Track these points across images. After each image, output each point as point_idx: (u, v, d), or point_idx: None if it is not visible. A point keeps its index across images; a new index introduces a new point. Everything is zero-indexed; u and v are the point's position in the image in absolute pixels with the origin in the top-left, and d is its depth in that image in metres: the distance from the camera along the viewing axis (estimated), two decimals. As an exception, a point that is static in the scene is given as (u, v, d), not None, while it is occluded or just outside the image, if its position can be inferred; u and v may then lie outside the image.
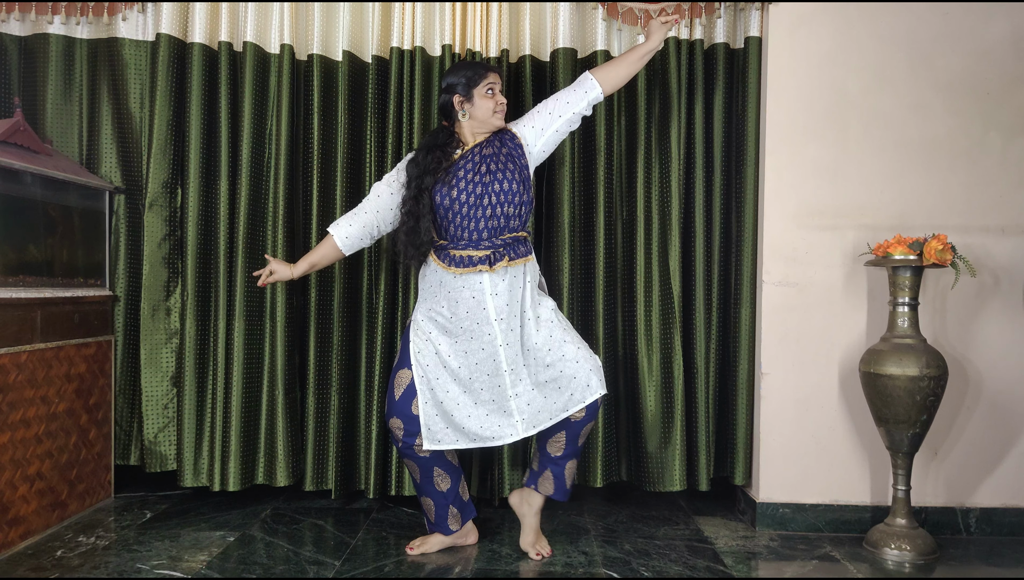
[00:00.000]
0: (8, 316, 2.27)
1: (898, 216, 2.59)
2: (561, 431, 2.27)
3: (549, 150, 2.33)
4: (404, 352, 2.29)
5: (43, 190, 2.50)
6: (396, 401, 2.26)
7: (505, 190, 2.20)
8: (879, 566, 2.31)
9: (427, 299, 2.29)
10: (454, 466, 2.34)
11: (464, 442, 2.24)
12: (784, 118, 2.62)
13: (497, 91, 2.25)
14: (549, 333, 2.24)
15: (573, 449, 2.29)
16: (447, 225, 2.22)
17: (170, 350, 2.84)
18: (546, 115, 2.29)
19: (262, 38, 2.77)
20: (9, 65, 2.80)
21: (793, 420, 2.62)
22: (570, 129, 2.32)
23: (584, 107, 2.29)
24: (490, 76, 2.24)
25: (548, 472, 2.31)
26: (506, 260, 2.19)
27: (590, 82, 2.28)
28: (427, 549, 2.35)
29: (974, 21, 2.57)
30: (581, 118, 2.32)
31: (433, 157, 2.22)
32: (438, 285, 2.25)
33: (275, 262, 2.33)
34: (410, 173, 2.24)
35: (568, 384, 2.21)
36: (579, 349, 2.24)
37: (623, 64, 2.30)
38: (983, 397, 2.60)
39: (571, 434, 2.27)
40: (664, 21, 2.31)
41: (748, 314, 2.72)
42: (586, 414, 2.24)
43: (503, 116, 2.27)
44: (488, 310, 2.20)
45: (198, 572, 2.17)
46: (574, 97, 2.28)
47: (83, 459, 2.64)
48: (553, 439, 2.29)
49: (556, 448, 2.29)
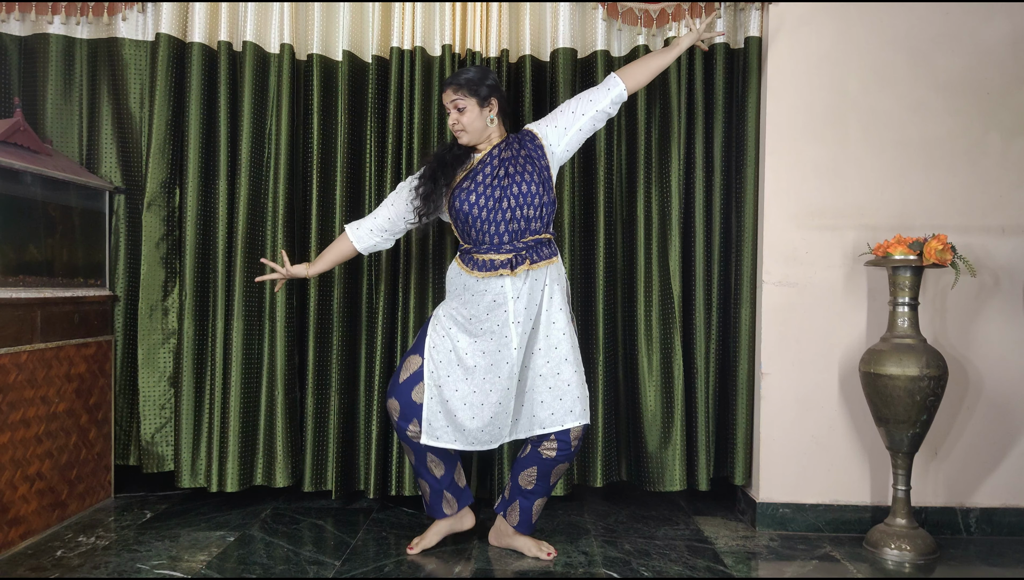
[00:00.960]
0: (8, 316, 2.27)
1: (898, 216, 2.59)
2: (534, 466, 2.25)
3: (573, 149, 2.33)
4: (420, 341, 2.30)
5: (43, 190, 2.50)
6: (399, 384, 2.27)
7: (524, 193, 2.19)
8: (879, 566, 2.31)
9: (452, 299, 2.31)
10: (449, 454, 2.34)
11: (461, 443, 2.24)
12: (784, 118, 2.62)
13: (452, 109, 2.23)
14: (555, 345, 2.22)
15: (544, 486, 2.27)
16: (468, 230, 2.22)
17: (168, 350, 2.83)
18: (569, 114, 2.29)
19: (262, 38, 2.77)
20: (9, 65, 2.80)
21: (793, 420, 2.62)
22: (594, 128, 2.32)
23: (607, 104, 2.29)
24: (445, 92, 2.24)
25: (516, 504, 2.32)
26: (527, 263, 2.18)
27: (613, 79, 2.30)
28: (426, 544, 2.36)
29: (974, 21, 2.57)
30: (606, 117, 2.32)
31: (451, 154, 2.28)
32: (462, 288, 2.26)
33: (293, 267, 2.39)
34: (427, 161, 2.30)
35: (552, 403, 2.20)
36: (575, 373, 2.22)
37: (648, 68, 2.34)
38: (983, 397, 2.60)
39: (542, 470, 2.25)
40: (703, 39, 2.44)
41: (748, 314, 2.72)
42: (558, 453, 2.21)
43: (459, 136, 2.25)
44: (509, 313, 2.20)
45: (198, 572, 2.17)
46: (597, 95, 2.29)
47: (83, 459, 2.64)
48: (526, 472, 2.27)
49: (527, 481, 2.28)
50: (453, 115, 2.22)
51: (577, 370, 2.22)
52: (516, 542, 2.35)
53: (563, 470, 2.27)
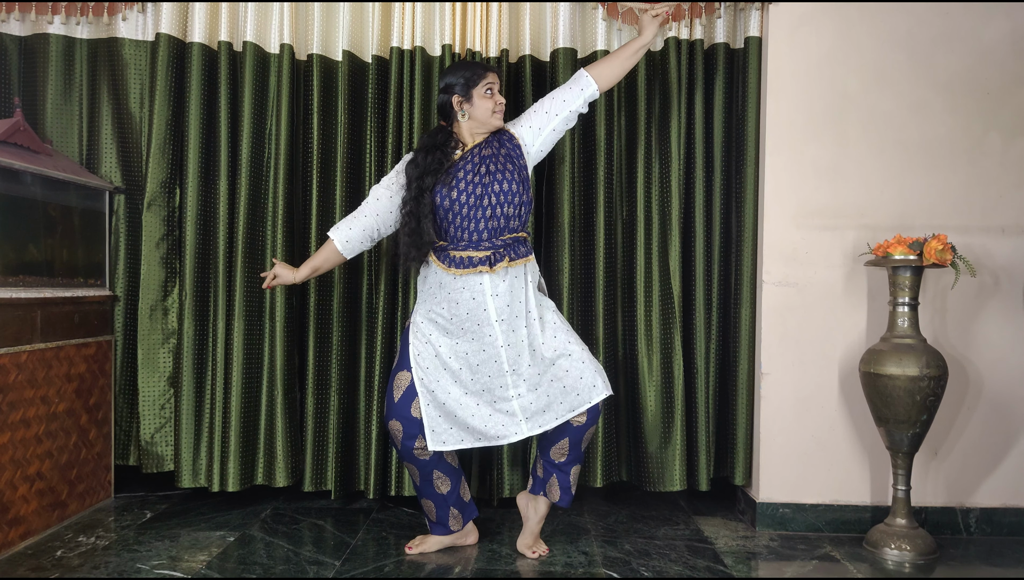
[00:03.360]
0: (8, 316, 2.27)
1: (898, 216, 2.59)
2: (564, 438, 2.26)
3: (547, 149, 2.33)
4: (403, 354, 2.29)
5: (43, 190, 2.50)
6: (395, 403, 2.25)
7: (505, 191, 2.20)
8: (879, 566, 2.31)
9: (427, 300, 2.29)
10: (454, 468, 2.34)
11: (470, 441, 2.24)
12: (784, 118, 2.62)
13: (496, 91, 2.25)
14: (554, 334, 2.25)
15: (577, 454, 2.29)
16: (447, 226, 2.22)
17: (168, 350, 2.83)
18: (543, 114, 2.29)
19: (262, 38, 2.77)
20: (9, 65, 2.80)
21: (793, 420, 2.62)
22: (567, 127, 2.33)
23: (580, 104, 2.29)
24: (488, 76, 2.23)
25: (554, 479, 2.31)
26: (506, 261, 2.18)
27: (585, 79, 2.28)
28: (426, 548, 2.35)
29: (974, 21, 2.57)
30: (578, 116, 2.32)
31: (433, 158, 2.21)
32: (438, 286, 2.24)
33: (280, 265, 2.31)
34: (410, 174, 2.24)
35: (575, 384, 2.22)
36: (583, 350, 2.25)
37: (617, 60, 2.31)
38: (983, 397, 2.60)
39: (574, 439, 2.26)
40: (655, 15, 2.34)
41: (748, 314, 2.72)
42: (587, 418, 2.24)
43: (502, 116, 2.27)
44: (489, 311, 2.20)
45: (198, 572, 2.17)
46: (570, 95, 2.29)
47: (83, 459, 2.64)
48: (557, 446, 2.28)
49: (560, 454, 2.28)
50: (498, 97, 2.25)
51: (583, 346, 2.27)
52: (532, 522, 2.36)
53: (592, 434, 2.30)
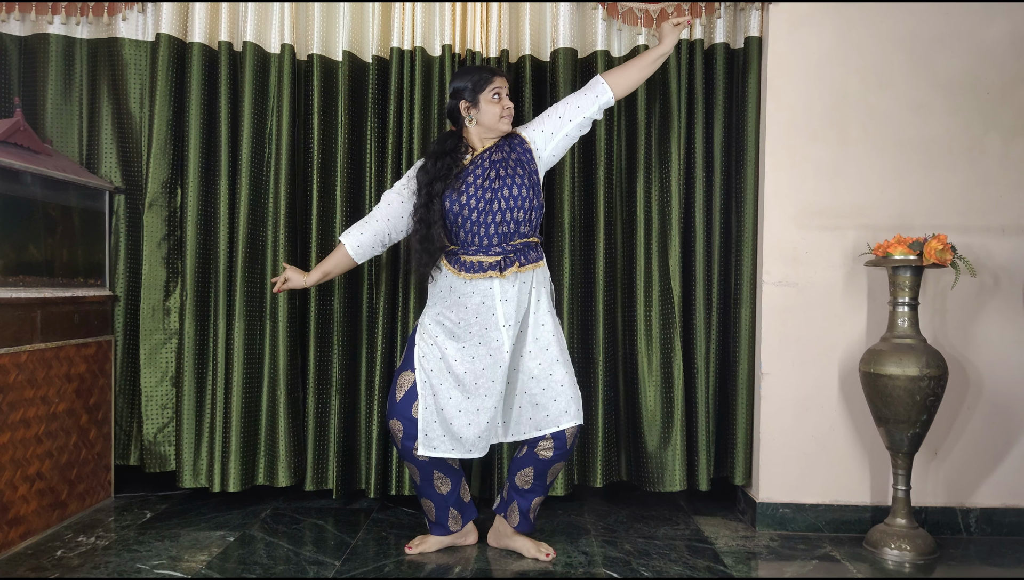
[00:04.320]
0: (8, 316, 2.27)
1: (898, 216, 2.59)
2: (530, 466, 2.26)
3: (560, 154, 2.32)
4: (408, 355, 2.29)
5: (43, 190, 2.50)
6: (397, 403, 2.26)
7: (515, 195, 2.19)
8: (879, 566, 2.31)
9: (436, 303, 2.29)
10: (455, 469, 2.34)
11: (459, 452, 2.23)
12: (784, 118, 2.62)
13: (504, 95, 2.23)
14: (546, 347, 2.23)
15: (540, 485, 2.28)
16: (457, 231, 2.22)
17: (169, 350, 2.83)
18: (556, 119, 2.27)
19: (262, 38, 2.77)
20: (9, 65, 2.80)
21: (793, 420, 2.62)
22: (580, 133, 2.31)
23: (595, 111, 2.27)
24: (496, 80, 2.22)
25: (515, 504, 2.33)
26: (516, 266, 2.18)
27: (601, 86, 2.26)
28: (426, 548, 2.35)
29: (974, 21, 2.57)
30: (592, 122, 2.31)
31: (443, 163, 2.21)
32: (448, 290, 2.24)
33: (291, 270, 2.30)
34: (420, 180, 2.23)
35: (547, 404, 2.21)
36: (567, 374, 2.22)
37: (635, 68, 2.28)
38: (983, 397, 2.60)
39: (539, 470, 2.25)
40: (676, 23, 2.27)
41: (748, 314, 2.72)
42: (555, 452, 2.22)
43: (510, 121, 2.25)
44: (498, 316, 2.20)
45: (198, 572, 2.17)
46: (584, 101, 2.27)
47: (83, 459, 2.64)
48: (522, 472, 2.28)
49: (524, 482, 2.28)
50: (505, 101, 2.23)
51: (568, 371, 2.23)
52: (515, 543, 2.35)
53: (559, 469, 2.28)
